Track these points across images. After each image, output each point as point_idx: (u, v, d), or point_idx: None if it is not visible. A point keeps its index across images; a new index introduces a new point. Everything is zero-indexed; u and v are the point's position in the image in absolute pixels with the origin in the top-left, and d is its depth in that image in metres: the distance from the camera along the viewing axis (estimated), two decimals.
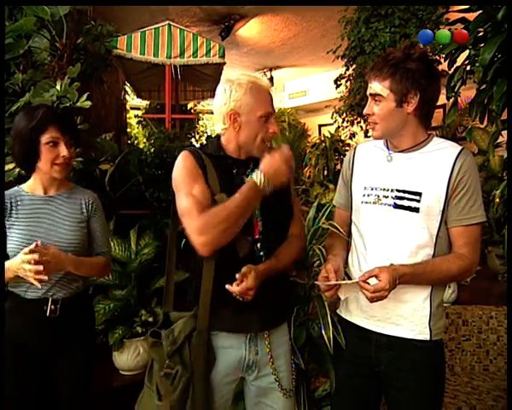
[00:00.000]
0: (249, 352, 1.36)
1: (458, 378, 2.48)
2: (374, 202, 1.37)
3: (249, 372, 1.39)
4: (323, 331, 1.48)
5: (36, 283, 1.39)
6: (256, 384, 1.40)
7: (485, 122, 2.26)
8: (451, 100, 2.39)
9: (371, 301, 1.22)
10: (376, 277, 1.20)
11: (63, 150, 1.54)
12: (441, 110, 6.25)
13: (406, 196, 1.31)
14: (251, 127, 1.32)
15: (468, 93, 2.86)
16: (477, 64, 2.00)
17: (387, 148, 1.41)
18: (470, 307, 2.74)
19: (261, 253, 1.34)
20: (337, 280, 1.28)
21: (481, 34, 2.01)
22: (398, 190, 1.33)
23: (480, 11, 1.97)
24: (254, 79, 1.34)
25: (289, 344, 1.45)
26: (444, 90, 2.44)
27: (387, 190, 1.35)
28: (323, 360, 1.60)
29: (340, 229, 1.48)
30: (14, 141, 1.54)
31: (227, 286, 1.23)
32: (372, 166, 1.43)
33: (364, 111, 1.37)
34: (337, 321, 1.51)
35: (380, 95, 1.30)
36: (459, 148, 1.31)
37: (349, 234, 1.51)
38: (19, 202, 1.55)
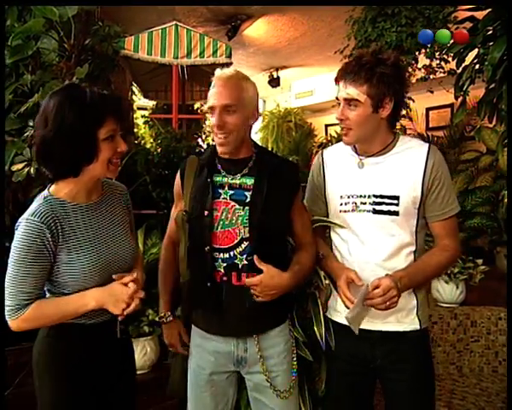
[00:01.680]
0: (237, 348, 1.38)
1: (467, 380, 2.46)
2: (352, 210, 1.39)
3: (240, 367, 1.40)
4: (316, 328, 1.47)
5: (120, 313, 1.20)
6: (250, 379, 1.42)
7: (494, 121, 2.24)
8: (459, 99, 2.37)
9: (386, 308, 1.23)
10: (378, 287, 1.24)
11: (121, 144, 1.22)
12: (449, 110, 6.22)
13: (384, 200, 1.34)
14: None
15: (476, 92, 2.84)
16: (486, 63, 1.98)
17: (356, 153, 1.42)
18: (479, 308, 2.71)
19: (243, 260, 1.34)
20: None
21: (490, 33, 2.00)
22: (375, 196, 1.35)
23: (489, 9, 1.95)
24: (216, 74, 1.37)
25: (288, 344, 1.43)
26: (452, 90, 2.43)
27: (364, 196, 1.37)
28: (322, 359, 1.60)
29: (334, 222, 1.48)
30: (52, 140, 1.12)
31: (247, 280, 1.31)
32: (344, 173, 1.43)
33: (337, 116, 1.36)
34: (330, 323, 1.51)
35: (356, 100, 1.29)
36: (426, 146, 1.35)
37: (325, 237, 1.54)
38: (64, 217, 1.18)
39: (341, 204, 1.41)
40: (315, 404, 1.61)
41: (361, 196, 1.37)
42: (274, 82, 7.30)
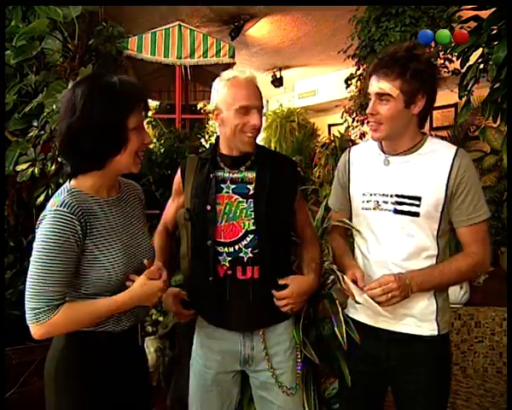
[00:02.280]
0: (244, 347, 1.38)
1: (471, 381, 2.45)
2: (374, 208, 1.38)
3: (247, 366, 1.41)
4: (336, 328, 1.46)
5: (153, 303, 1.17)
6: (256, 377, 1.42)
7: (498, 121, 2.23)
8: (464, 99, 2.36)
9: (388, 303, 1.25)
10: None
11: (146, 135, 1.18)
12: (452, 109, 6.19)
13: (406, 201, 1.32)
14: (230, 121, 1.34)
15: (480, 92, 2.82)
16: (491, 62, 1.98)
17: (383, 151, 1.41)
18: (483, 309, 2.70)
19: (248, 253, 1.34)
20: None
21: (495, 32, 1.99)
22: (397, 196, 1.34)
23: (494, 8, 1.95)
24: (235, 74, 1.35)
25: (293, 341, 1.44)
26: (456, 89, 2.41)
27: (386, 195, 1.36)
28: (334, 359, 1.59)
29: (352, 225, 1.48)
30: (80, 128, 1.07)
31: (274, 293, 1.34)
32: (369, 170, 1.43)
33: (368, 110, 1.35)
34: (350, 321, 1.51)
35: (389, 94, 1.28)
36: (454, 149, 1.32)
37: (347, 235, 1.54)
38: (90, 210, 1.12)
39: (363, 201, 1.41)
40: (320, 404, 1.61)
41: (384, 194, 1.36)
42: (277, 82, 7.30)
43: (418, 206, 1.30)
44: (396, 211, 1.33)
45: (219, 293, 1.35)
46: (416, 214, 1.31)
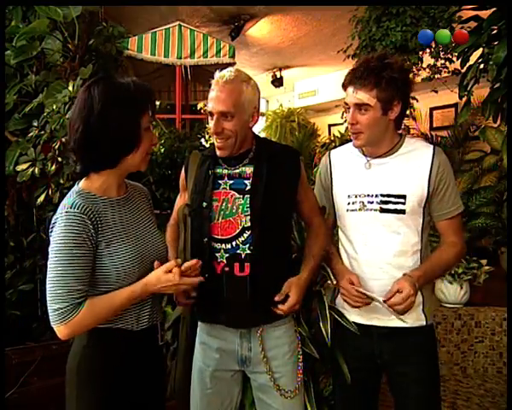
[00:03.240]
0: (241, 347, 1.38)
1: (471, 381, 2.45)
2: (359, 209, 1.42)
3: (245, 367, 1.40)
4: (321, 324, 1.46)
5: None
6: (254, 379, 1.42)
7: (499, 121, 2.23)
8: (464, 99, 2.36)
9: (404, 312, 1.29)
10: (398, 291, 1.29)
11: (154, 135, 1.22)
12: (453, 109, 6.19)
13: (391, 199, 1.38)
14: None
15: (481, 92, 2.82)
16: (491, 62, 1.98)
17: (364, 154, 1.45)
18: (483, 309, 2.70)
19: (246, 249, 1.33)
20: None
21: (495, 32, 1.99)
22: (382, 195, 1.39)
23: (494, 8, 1.95)
24: (219, 74, 1.36)
25: (292, 345, 1.41)
26: (456, 89, 2.42)
27: (371, 195, 1.41)
28: (328, 358, 1.59)
29: (325, 207, 1.54)
30: (98, 127, 1.10)
31: (275, 309, 1.33)
32: (352, 173, 1.47)
33: (348, 120, 1.39)
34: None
35: (367, 104, 1.33)
36: (431, 147, 1.40)
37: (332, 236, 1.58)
38: (99, 210, 1.15)
39: (349, 203, 1.45)
40: (320, 403, 1.61)
41: (368, 195, 1.41)
42: (277, 82, 7.29)
43: (404, 203, 1.37)
44: (382, 210, 1.39)
45: (216, 290, 1.34)
46: (402, 212, 1.37)
